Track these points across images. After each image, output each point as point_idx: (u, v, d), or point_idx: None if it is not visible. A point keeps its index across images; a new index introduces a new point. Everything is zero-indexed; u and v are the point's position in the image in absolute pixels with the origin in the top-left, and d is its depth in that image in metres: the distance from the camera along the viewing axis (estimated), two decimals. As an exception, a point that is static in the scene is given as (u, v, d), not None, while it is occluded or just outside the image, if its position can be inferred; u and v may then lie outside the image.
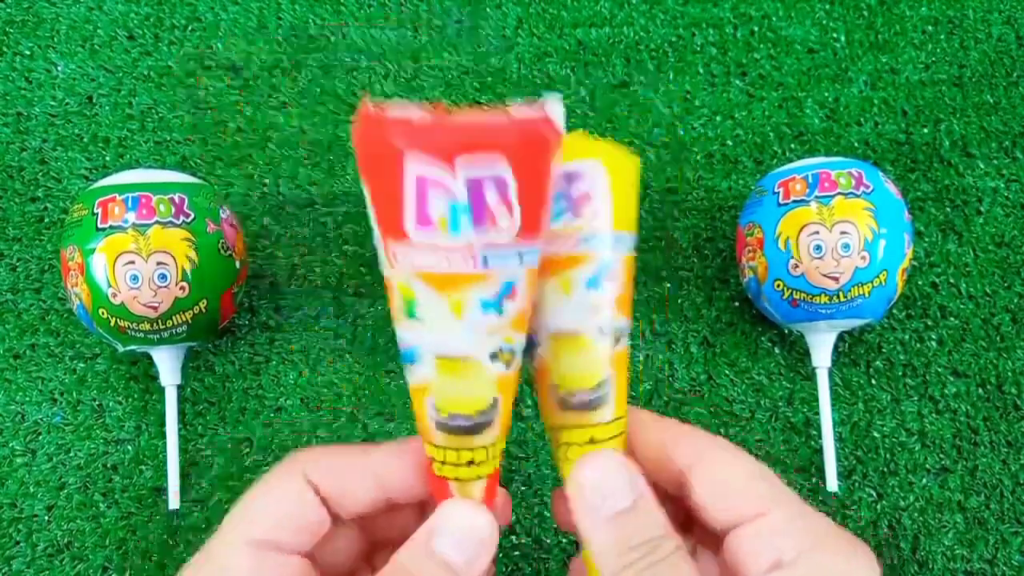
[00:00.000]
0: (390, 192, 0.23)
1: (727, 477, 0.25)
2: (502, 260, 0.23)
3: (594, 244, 0.27)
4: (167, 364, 0.42)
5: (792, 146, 0.49)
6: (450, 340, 0.25)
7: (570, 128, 0.30)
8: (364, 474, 0.26)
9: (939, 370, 0.45)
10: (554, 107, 0.22)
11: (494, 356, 0.26)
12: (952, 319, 0.46)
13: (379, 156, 0.22)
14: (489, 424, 0.26)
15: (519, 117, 0.21)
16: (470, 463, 0.26)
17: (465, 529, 0.26)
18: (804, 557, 0.23)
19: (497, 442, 0.27)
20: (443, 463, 0.26)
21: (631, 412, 0.28)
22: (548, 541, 0.43)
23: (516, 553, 0.43)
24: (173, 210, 0.39)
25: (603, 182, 0.27)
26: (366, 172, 0.23)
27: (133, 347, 0.41)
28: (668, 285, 0.47)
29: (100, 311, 0.38)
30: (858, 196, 0.39)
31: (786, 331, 0.46)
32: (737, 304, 0.46)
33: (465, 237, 0.23)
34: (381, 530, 0.28)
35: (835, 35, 0.51)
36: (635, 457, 0.26)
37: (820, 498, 0.43)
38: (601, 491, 0.25)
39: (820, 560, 0.23)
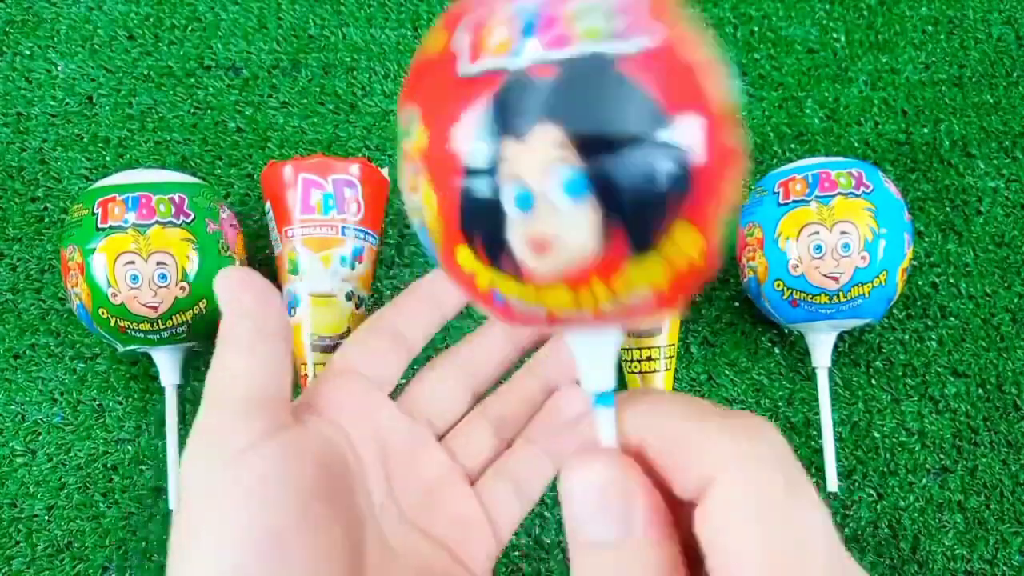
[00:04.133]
0: (286, 200, 0.40)
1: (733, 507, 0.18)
2: (353, 233, 0.40)
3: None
4: (167, 364, 0.42)
5: (792, 146, 0.49)
6: (320, 283, 0.40)
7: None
8: None
9: (939, 370, 0.45)
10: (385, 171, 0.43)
11: (348, 296, 0.41)
12: (952, 319, 0.46)
13: (281, 181, 0.40)
14: None
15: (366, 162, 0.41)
16: None
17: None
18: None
19: None
20: (315, 376, 0.40)
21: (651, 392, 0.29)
22: (548, 541, 0.43)
23: (516, 553, 0.43)
24: (173, 210, 0.39)
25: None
26: (271, 194, 0.41)
27: (133, 347, 0.41)
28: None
29: (100, 311, 0.38)
30: (858, 196, 0.39)
31: (786, 331, 0.46)
32: (737, 304, 0.46)
33: (331, 215, 0.40)
34: None
35: (835, 35, 0.51)
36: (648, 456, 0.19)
37: (820, 498, 0.43)
38: (583, 511, 0.18)
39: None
